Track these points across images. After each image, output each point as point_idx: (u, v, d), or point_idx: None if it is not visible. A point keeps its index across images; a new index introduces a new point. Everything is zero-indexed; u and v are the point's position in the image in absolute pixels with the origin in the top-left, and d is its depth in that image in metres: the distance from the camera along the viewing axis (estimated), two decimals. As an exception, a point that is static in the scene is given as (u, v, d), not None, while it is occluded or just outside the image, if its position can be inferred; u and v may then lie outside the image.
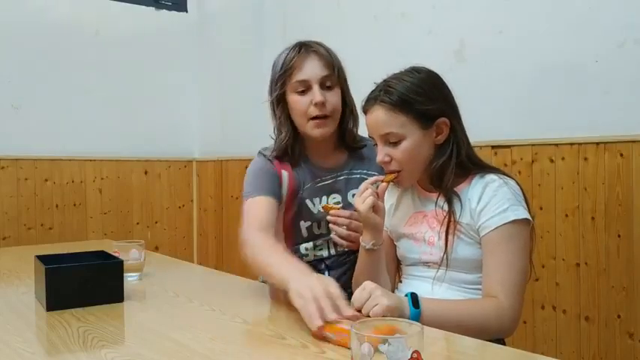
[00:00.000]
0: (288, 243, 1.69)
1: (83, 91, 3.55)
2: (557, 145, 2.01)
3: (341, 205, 1.65)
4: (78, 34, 3.54)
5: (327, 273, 1.69)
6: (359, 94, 1.75)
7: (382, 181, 1.34)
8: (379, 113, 1.32)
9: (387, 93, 1.32)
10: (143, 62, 3.79)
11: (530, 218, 1.28)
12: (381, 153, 1.35)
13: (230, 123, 3.72)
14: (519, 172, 2.07)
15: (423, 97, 1.31)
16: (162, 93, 3.88)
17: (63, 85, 3.48)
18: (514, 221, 1.25)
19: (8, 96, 3.30)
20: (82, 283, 1.29)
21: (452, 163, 1.33)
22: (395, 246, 1.50)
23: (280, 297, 1.31)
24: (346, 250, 1.65)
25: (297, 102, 1.58)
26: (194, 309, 1.32)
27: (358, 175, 1.68)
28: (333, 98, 1.58)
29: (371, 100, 1.35)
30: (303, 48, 1.58)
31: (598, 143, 1.90)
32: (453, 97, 1.37)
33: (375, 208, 1.32)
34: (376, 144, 1.37)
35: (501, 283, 1.23)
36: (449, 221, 1.30)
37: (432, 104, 1.32)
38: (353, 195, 1.65)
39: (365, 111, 1.38)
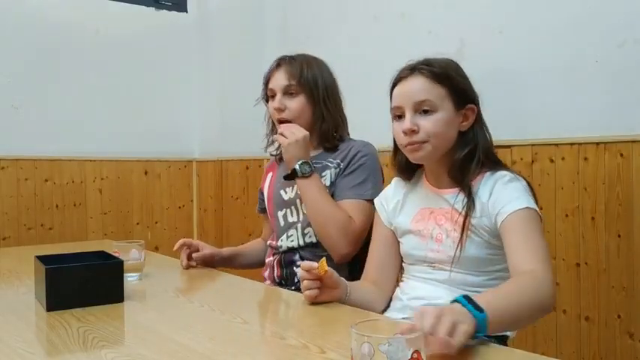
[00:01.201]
0: (275, 237, 1.87)
1: (83, 91, 3.55)
2: (557, 145, 2.00)
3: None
4: (78, 34, 3.53)
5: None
6: (360, 93, 1.77)
7: (318, 269, 1.26)
8: (418, 81, 1.33)
9: (428, 65, 1.33)
10: (143, 62, 3.79)
11: (539, 213, 1.28)
12: (409, 122, 1.31)
13: (230, 123, 3.73)
14: (519, 172, 2.06)
15: (460, 77, 1.35)
16: (162, 93, 3.88)
17: (63, 85, 3.48)
18: (528, 208, 1.25)
19: (8, 96, 3.29)
20: (82, 283, 1.29)
21: (477, 156, 1.33)
22: (398, 243, 1.48)
23: None
24: (315, 241, 1.76)
25: (269, 107, 1.85)
26: (194, 309, 1.32)
27: (322, 162, 1.79)
28: (292, 104, 1.78)
29: (408, 70, 1.35)
30: (278, 61, 1.84)
31: (598, 143, 1.90)
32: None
33: (325, 287, 1.28)
34: (399, 116, 1.35)
35: (530, 255, 1.19)
36: (466, 217, 1.29)
37: (466, 87, 1.35)
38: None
39: (399, 80, 1.36)
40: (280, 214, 1.85)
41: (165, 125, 3.88)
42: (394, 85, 1.38)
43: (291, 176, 1.70)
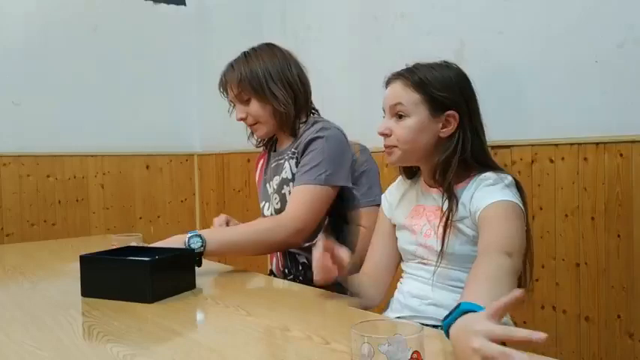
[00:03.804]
0: None
1: (83, 86, 3.55)
2: (556, 145, 2.01)
3: None
4: (77, 30, 3.54)
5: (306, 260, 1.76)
6: (359, 92, 1.77)
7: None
8: (396, 86, 1.37)
9: (409, 72, 1.38)
10: (143, 56, 3.79)
11: (521, 206, 1.27)
12: (383, 125, 1.38)
13: (231, 116, 3.72)
14: (519, 173, 2.08)
15: (440, 85, 1.35)
16: (162, 87, 3.89)
17: (63, 80, 3.48)
18: (506, 201, 1.25)
19: (9, 93, 3.30)
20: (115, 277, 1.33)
21: (455, 159, 1.34)
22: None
23: None
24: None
25: None
26: (198, 302, 1.33)
27: (290, 152, 1.77)
28: (251, 109, 1.77)
29: (393, 76, 1.40)
30: (222, 75, 1.82)
31: (598, 143, 1.91)
32: (474, 99, 1.40)
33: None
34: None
35: (495, 239, 1.20)
36: (446, 219, 1.31)
37: (446, 94, 1.35)
38: (281, 176, 1.77)
39: (386, 84, 1.42)
40: (261, 204, 1.88)
41: (166, 119, 3.89)
42: (385, 87, 1.44)
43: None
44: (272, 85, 1.74)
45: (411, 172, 1.51)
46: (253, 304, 1.28)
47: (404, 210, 1.48)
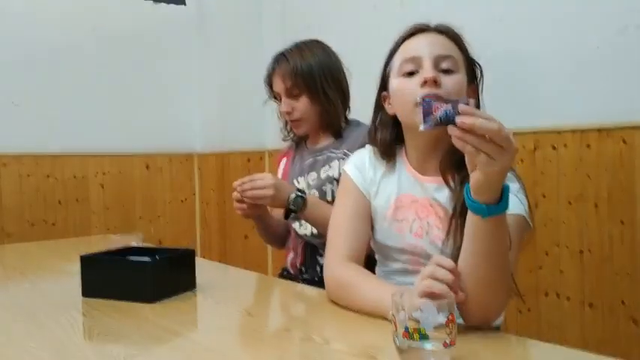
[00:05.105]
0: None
1: (83, 86, 3.54)
2: (559, 132, 2.00)
3: None
4: (76, 29, 3.52)
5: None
6: (359, 82, 1.75)
7: None
8: (440, 38, 1.20)
9: (450, 29, 1.23)
10: (142, 56, 3.77)
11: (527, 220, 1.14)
12: (432, 71, 1.13)
13: (231, 116, 3.72)
14: (521, 161, 2.06)
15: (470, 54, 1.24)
16: (162, 87, 3.87)
17: (63, 81, 3.47)
18: (523, 217, 1.11)
19: (8, 93, 3.29)
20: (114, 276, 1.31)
21: None
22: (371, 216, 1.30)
23: None
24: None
25: (279, 108, 1.82)
26: (198, 302, 1.33)
27: (340, 153, 1.75)
28: (298, 105, 1.76)
29: (423, 26, 1.22)
30: (275, 61, 1.79)
31: (600, 130, 1.90)
32: None
33: None
34: (411, 73, 1.17)
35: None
36: (458, 218, 1.09)
37: (476, 64, 1.25)
38: (325, 172, 1.76)
39: (414, 33, 1.22)
40: None
41: (165, 119, 3.88)
42: (405, 39, 1.23)
43: (288, 215, 1.65)
44: (325, 84, 1.75)
45: (392, 155, 1.28)
46: (253, 304, 1.27)
47: (383, 195, 1.26)
